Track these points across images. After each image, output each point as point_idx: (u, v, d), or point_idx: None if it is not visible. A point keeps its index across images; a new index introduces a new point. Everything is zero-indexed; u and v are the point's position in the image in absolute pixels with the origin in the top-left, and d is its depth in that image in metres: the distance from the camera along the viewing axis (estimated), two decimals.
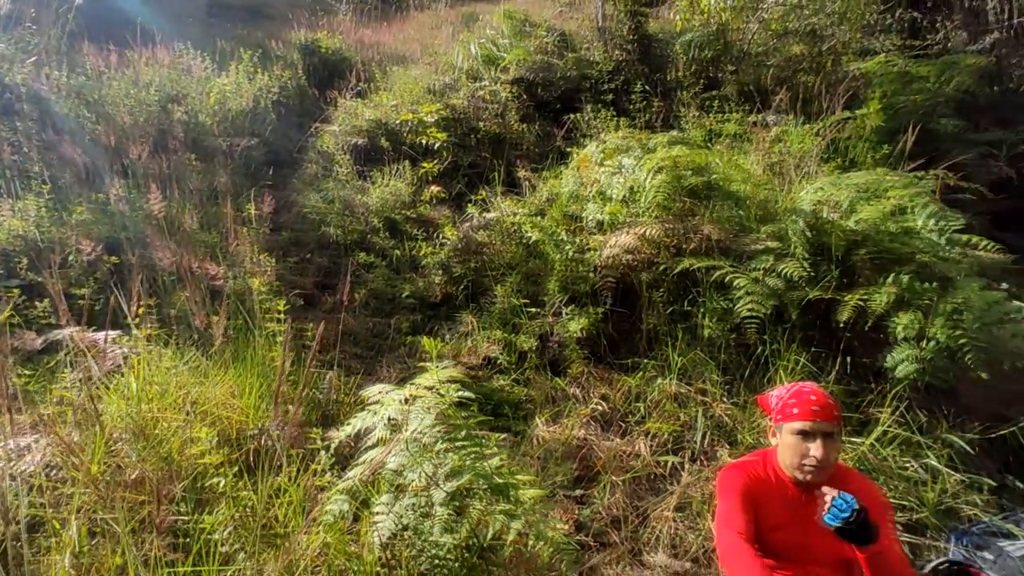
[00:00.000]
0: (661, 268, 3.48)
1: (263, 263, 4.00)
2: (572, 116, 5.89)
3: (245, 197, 4.47)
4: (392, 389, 2.13)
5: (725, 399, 3.12)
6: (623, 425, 3.23)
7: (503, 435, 3.21)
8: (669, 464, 2.99)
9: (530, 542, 1.85)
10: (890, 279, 2.95)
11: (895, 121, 5.33)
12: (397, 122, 5.99)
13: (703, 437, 3.02)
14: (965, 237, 3.43)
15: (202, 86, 6.17)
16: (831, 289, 3.07)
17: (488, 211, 4.69)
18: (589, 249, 3.75)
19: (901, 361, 2.81)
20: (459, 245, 4.47)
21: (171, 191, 4.49)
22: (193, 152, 5.41)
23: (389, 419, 1.94)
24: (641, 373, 3.35)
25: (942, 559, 2.39)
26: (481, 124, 6.09)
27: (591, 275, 3.64)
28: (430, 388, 1.96)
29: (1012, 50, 8.67)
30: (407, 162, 5.60)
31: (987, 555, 2.43)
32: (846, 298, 2.97)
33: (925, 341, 2.79)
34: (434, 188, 5.25)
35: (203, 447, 2.35)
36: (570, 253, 3.72)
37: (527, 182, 5.03)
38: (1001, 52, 8.59)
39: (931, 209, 3.13)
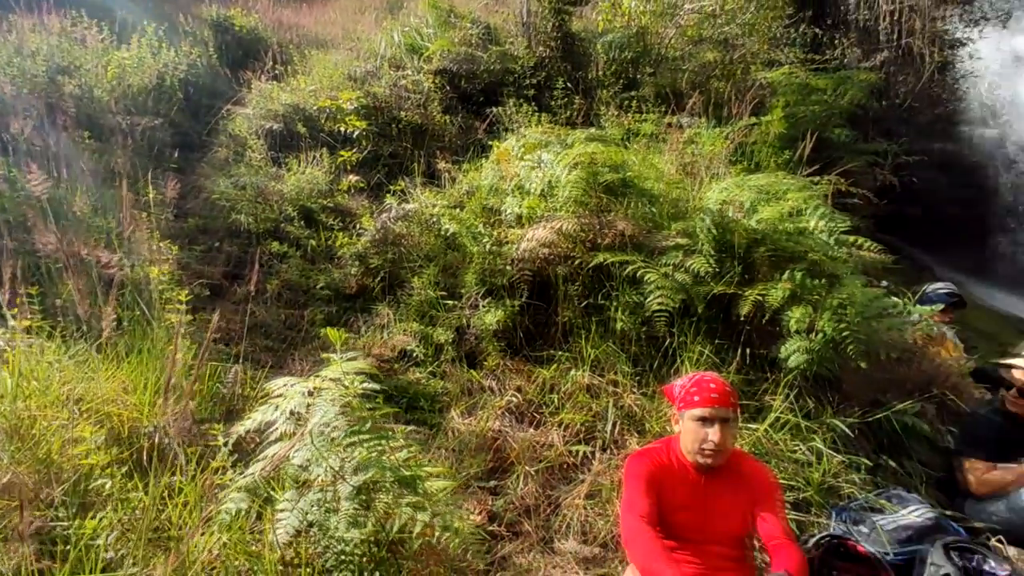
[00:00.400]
0: (576, 262, 3.54)
1: (165, 251, 3.75)
2: (495, 109, 5.89)
3: (146, 180, 4.18)
4: (297, 382, 2.06)
5: (635, 390, 3.22)
6: (537, 416, 3.27)
7: (412, 428, 3.18)
8: (581, 453, 3.06)
9: (437, 533, 1.83)
10: (785, 276, 3.14)
11: (795, 129, 5.67)
12: (315, 108, 5.77)
13: (613, 427, 3.11)
14: (851, 238, 3.70)
15: (98, 59, 5.70)
16: (733, 284, 3.23)
17: (407, 202, 4.62)
18: (507, 242, 3.77)
19: (793, 352, 2.99)
20: (377, 236, 4.37)
21: (59, 171, 4.13)
22: (87, 130, 5.00)
23: (292, 412, 1.86)
24: (556, 365, 3.40)
25: (824, 533, 2.57)
26: (403, 114, 5.98)
27: (508, 268, 3.65)
28: (335, 380, 1.90)
29: (899, 68, 9.44)
30: (325, 150, 5.41)
31: (863, 528, 2.63)
32: (746, 293, 3.14)
33: (814, 333, 2.99)
34: (352, 177, 5.10)
35: (87, 446, 2.18)
36: (488, 246, 3.72)
37: (447, 174, 4.98)
38: (890, 70, 9.34)
39: (822, 211, 3.35)
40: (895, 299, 3.65)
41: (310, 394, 1.89)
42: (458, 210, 4.24)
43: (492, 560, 2.68)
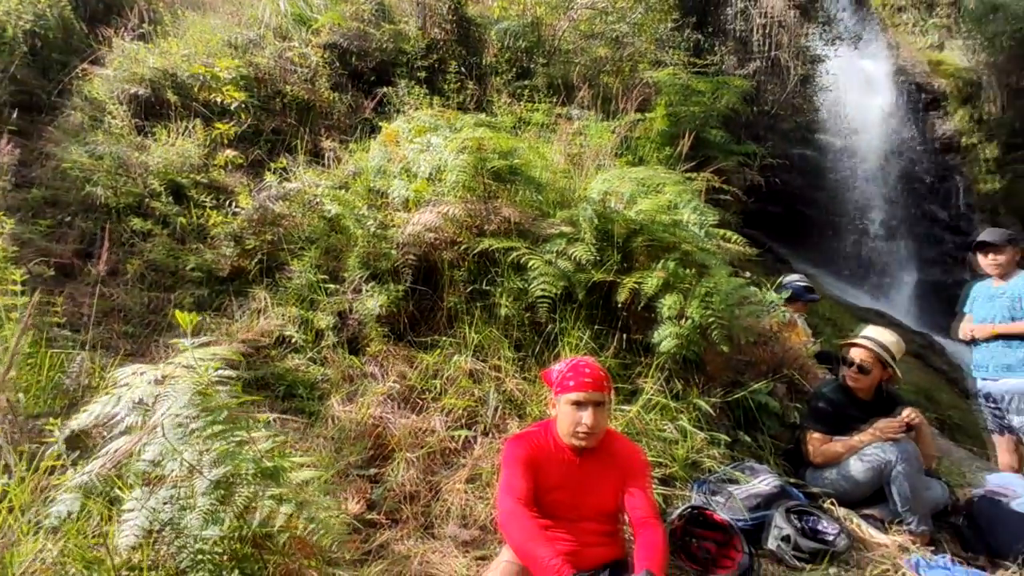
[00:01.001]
0: (463, 247, 3.51)
1: None
2: (386, 90, 5.69)
3: None
4: (148, 369, 1.87)
5: (517, 375, 3.25)
6: (420, 402, 3.22)
7: (284, 417, 3.02)
8: (462, 438, 3.05)
9: (300, 525, 1.74)
10: (660, 265, 3.29)
11: (676, 127, 5.97)
12: (188, 75, 5.28)
13: (495, 411, 3.12)
14: (720, 231, 3.95)
15: None
16: (613, 272, 3.34)
17: (289, 181, 4.36)
18: (392, 226, 3.66)
19: (665, 337, 3.15)
20: (255, 215, 4.09)
21: None
22: None
23: (138, 403, 1.68)
24: (439, 351, 3.36)
25: (686, 505, 2.74)
26: (288, 88, 5.62)
27: (393, 252, 3.55)
28: (189, 368, 1.74)
29: (768, 77, 10.20)
30: (199, 121, 4.97)
31: (719, 499, 2.83)
32: (624, 281, 3.25)
33: (684, 319, 3.16)
34: (229, 152, 4.73)
35: None
36: (372, 229, 3.59)
37: (332, 153, 4.76)
38: (760, 79, 10.06)
39: (694, 205, 3.54)
40: (754, 288, 3.95)
41: (159, 383, 1.71)
42: (343, 191, 4.06)
43: (369, 549, 2.61)
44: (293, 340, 3.54)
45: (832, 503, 3.05)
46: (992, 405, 3.77)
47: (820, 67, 10.75)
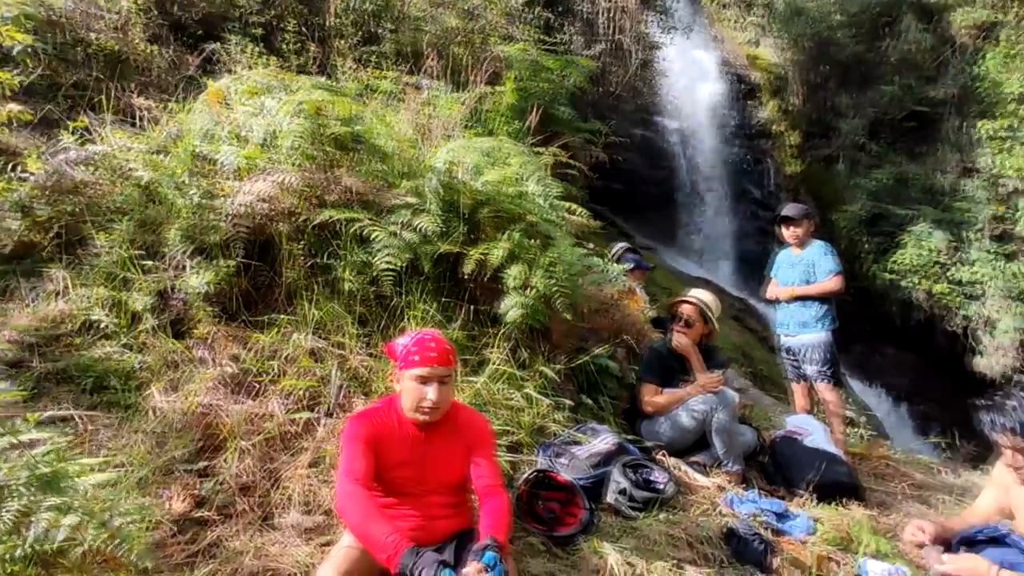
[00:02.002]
0: (301, 219, 3.25)
1: None
2: (215, 46, 5.10)
3: None
4: None
5: (362, 351, 3.10)
6: (256, 386, 2.95)
7: (80, 413, 2.64)
8: (303, 421, 2.85)
9: (91, 536, 1.50)
10: (506, 236, 3.29)
11: (525, 102, 6.01)
12: None
13: (339, 390, 2.95)
14: (566, 204, 4.05)
15: None
16: (459, 243, 3.28)
17: (93, 143, 3.74)
18: (220, 195, 3.28)
19: (511, 307, 3.17)
20: (48, 182, 3.46)
21: None
22: None
23: None
24: (277, 329, 3.10)
25: (532, 470, 2.80)
26: (93, 36, 4.83)
27: (222, 224, 3.19)
28: None
29: (613, 60, 10.67)
30: None
31: (563, 460, 2.93)
32: (471, 252, 3.21)
33: (529, 289, 3.20)
34: (13, 107, 3.95)
35: None
36: (196, 199, 3.20)
37: (148, 113, 4.17)
38: (605, 60, 10.50)
39: (538, 176, 3.58)
40: (597, 259, 4.12)
41: None
42: (160, 156, 3.57)
43: (197, 550, 2.36)
44: (103, 325, 3.08)
45: (663, 454, 3.30)
46: (791, 357, 4.30)
47: (658, 53, 11.46)
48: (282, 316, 3.16)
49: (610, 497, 2.90)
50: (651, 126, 13.14)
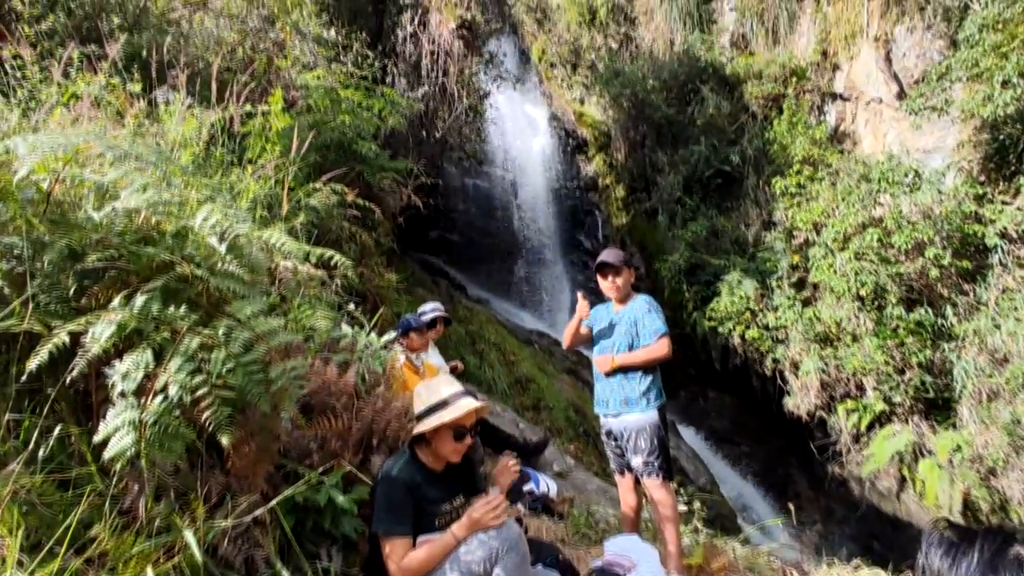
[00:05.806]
0: None
1: None
2: None
3: None
4: None
5: None
6: None
7: None
8: None
9: None
10: (120, 302, 1.95)
11: (310, 130, 4.78)
12: None
13: None
14: (315, 250, 2.84)
15: None
16: (35, 316, 1.88)
17: None
18: None
19: (115, 431, 1.82)
20: None
21: None
22: None
23: None
24: None
25: None
26: None
27: None
28: None
29: (439, 104, 9.87)
30: None
31: None
32: (51, 334, 1.83)
33: (153, 397, 1.88)
34: None
35: None
36: None
37: None
38: (431, 104, 9.66)
39: (227, 207, 2.30)
40: (348, 328, 2.91)
41: None
42: None
43: None
44: None
45: None
46: (614, 443, 3.37)
47: (489, 104, 10.89)
48: None
49: None
50: (484, 177, 12.55)
